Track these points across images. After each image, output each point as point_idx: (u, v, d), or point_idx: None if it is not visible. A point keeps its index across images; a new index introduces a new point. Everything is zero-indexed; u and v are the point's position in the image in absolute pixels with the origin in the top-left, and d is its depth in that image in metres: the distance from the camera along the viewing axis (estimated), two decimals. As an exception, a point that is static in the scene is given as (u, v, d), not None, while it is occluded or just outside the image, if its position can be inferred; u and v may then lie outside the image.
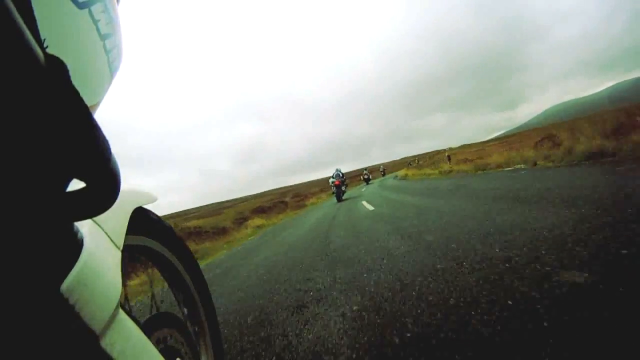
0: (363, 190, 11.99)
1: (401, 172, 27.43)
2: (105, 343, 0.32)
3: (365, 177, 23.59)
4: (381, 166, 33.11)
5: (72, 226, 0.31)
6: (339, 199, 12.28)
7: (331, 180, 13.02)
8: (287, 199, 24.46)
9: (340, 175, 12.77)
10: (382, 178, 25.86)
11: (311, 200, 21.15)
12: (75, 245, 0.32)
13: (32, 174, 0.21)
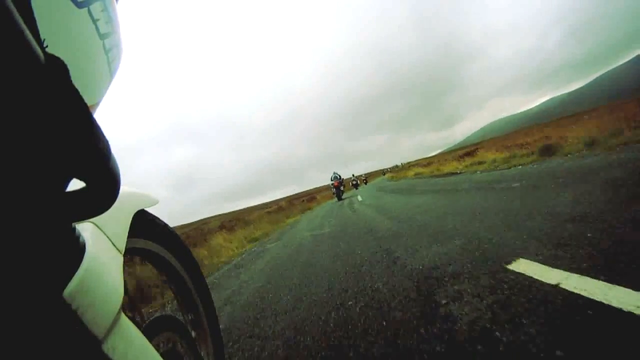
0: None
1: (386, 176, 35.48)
2: (107, 347, 0.32)
3: (354, 182, 24.88)
4: (363, 175, 35.35)
5: (74, 230, 0.31)
6: (339, 198, 14.38)
7: (331, 182, 15.07)
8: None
9: (339, 177, 14.95)
10: (365, 186, 26.79)
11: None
12: (78, 250, 0.31)
13: (32, 174, 0.20)
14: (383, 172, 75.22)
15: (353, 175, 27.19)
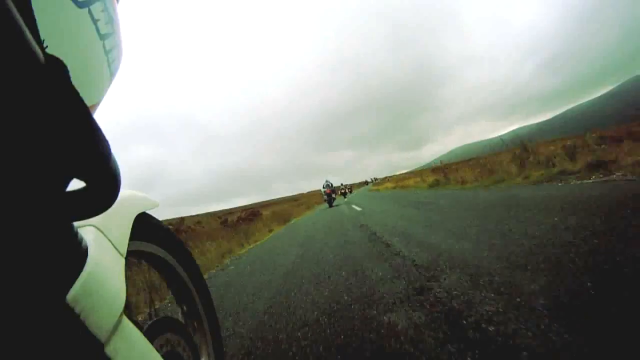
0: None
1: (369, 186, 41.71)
2: (109, 350, 0.32)
3: (343, 191, 25.12)
4: (349, 185, 35.99)
5: (77, 234, 0.31)
6: (330, 205, 15.04)
7: (323, 189, 15.73)
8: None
9: (330, 185, 15.79)
10: (351, 195, 27.10)
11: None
12: (80, 254, 0.31)
13: (33, 174, 0.20)
14: (366, 182, 78.59)
15: (342, 184, 28.29)
